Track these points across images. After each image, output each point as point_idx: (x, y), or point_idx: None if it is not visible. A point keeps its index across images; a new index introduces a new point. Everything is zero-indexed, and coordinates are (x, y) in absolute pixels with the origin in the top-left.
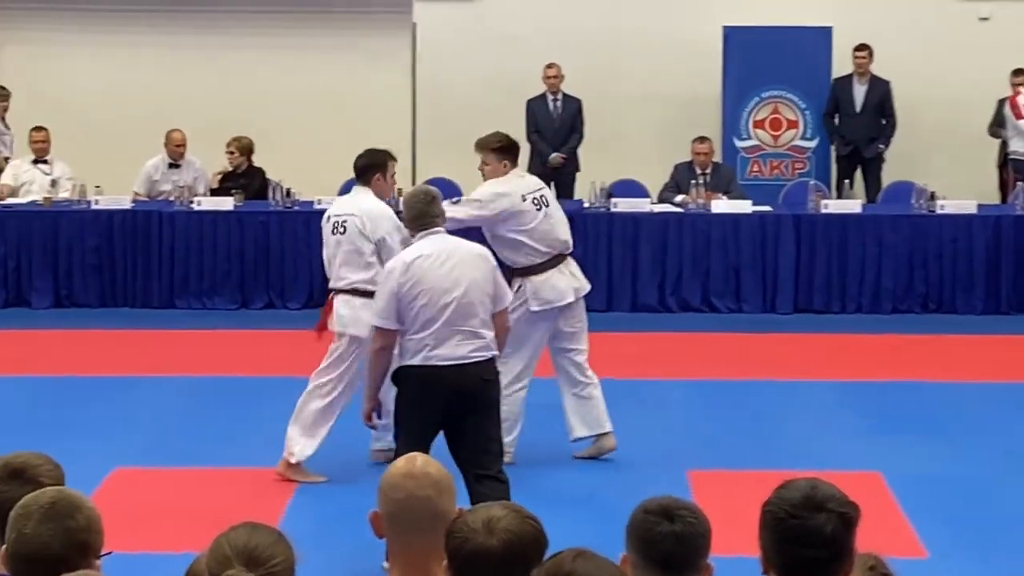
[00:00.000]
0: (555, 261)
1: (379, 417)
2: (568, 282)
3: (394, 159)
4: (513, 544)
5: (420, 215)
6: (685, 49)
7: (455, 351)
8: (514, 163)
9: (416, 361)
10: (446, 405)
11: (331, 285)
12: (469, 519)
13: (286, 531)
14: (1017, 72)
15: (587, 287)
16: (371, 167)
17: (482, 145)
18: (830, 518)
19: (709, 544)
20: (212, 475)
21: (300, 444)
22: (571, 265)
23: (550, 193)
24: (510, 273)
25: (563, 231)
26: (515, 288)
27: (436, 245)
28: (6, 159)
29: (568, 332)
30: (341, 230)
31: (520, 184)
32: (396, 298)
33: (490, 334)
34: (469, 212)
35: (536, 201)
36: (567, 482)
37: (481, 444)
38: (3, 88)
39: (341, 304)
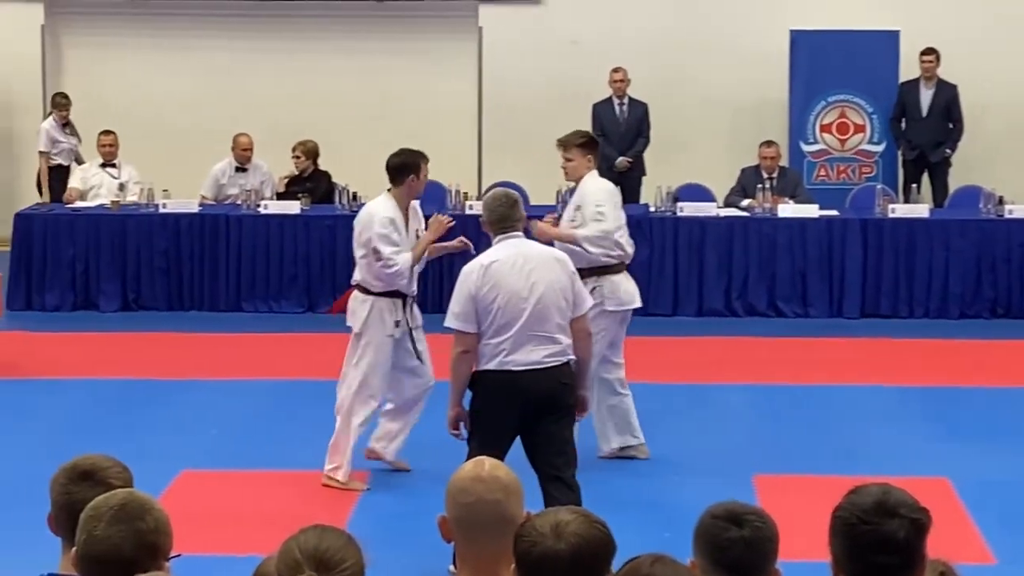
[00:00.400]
0: (625, 264)
1: (467, 428)
2: (635, 287)
3: (427, 160)
4: (581, 548)
5: (502, 218)
6: (752, 53)
7: (531, 356)
8: (597, 159)
9: (492, 366)
10: (521, 410)
11: None
12: (537, 523)
13: (353, 533)
14: None
15: None
16: (406, 168)
17: (566, 142)
18: (902, 524)
19: (777, 549)
20: (279, 478)
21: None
22: None
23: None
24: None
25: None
26: (590, 289)
27: (514, 249)
28: (66, 166)
29: (617, 342)
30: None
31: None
32: (473, 301)
33: (567, 339)
34: (613, 221)
35: None
36: (633, 487)
37: (555, 448)
38: (64, 96)
39: (351, 299)
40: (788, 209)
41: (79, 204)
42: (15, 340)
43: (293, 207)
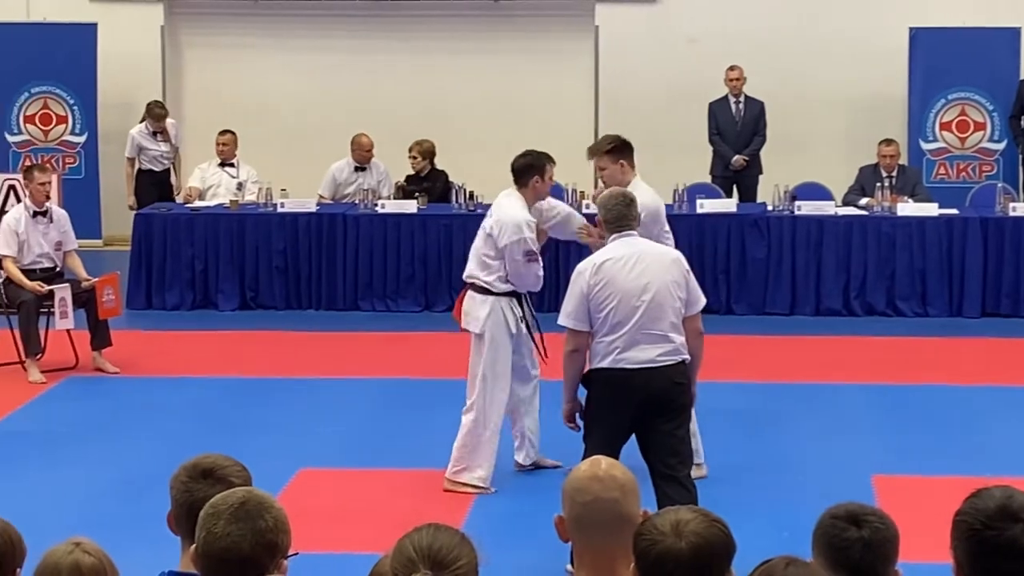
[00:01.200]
0: None
1: (582, 418)
2: None
3: (553, 162)
4: (701, 547)
5: (619, 217)
6: (871, 50)
7: (644, 354)
8: (631, 163)
9: (605, 364)
10: (635, 409)
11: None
12: (657, 522)
13: (469, 532)
14: None
15: None
16: (530, 169)
17: (595, 150)
18: None
19: (897, 550)
20: (395, 476)
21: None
22: None
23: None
24: None
25: None
26: None
27: (628, 248)
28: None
29: None
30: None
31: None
32: (586, 300)
33: (680, 338)
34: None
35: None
36: (751, 487)
37: (669, 448)
38: (160, 106)
39: (467, 300)
40: (907, 208)
41: (198, 203)
42: (136, 339)
43: (410, 206)
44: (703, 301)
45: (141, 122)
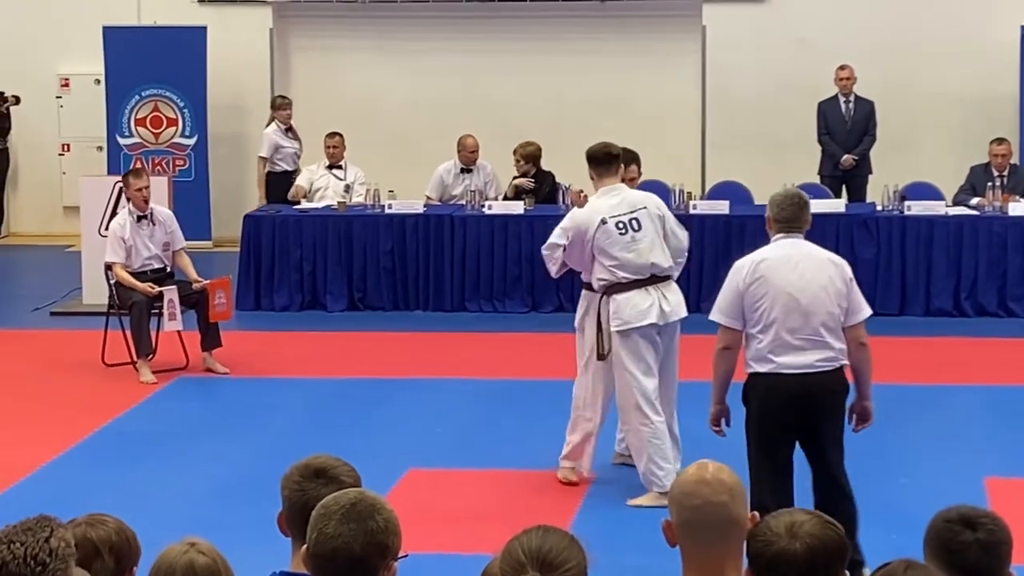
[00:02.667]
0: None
1: (727, 423)
2: (649, 304)
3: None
4: (816, 549)
5: (792, 218)
6: (981, 48)
7: (801, 359)
8: (605, 173)
9: (763, 368)
10: (794, 415)
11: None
12: (772, 523)
13: (577, 535)
14: None
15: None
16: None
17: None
18: None
19: (1011, 552)
20: (504, 477)
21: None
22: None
23: (651, 212)
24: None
25: (651, 256)
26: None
27: (790, 249)
28: (290, 171)
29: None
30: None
31: (603, 205)
32: (740, 297)
33: (838, 344)
34: (556, 242)
35: (621, 225)
36: (863, 490)
37: (828, 454)
38: (284, 97)
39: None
40: (1019, 207)
41: (305, 205)
42: (246, 340)
43: (517, 207)
44: (867, 311)
45: (270, 122)
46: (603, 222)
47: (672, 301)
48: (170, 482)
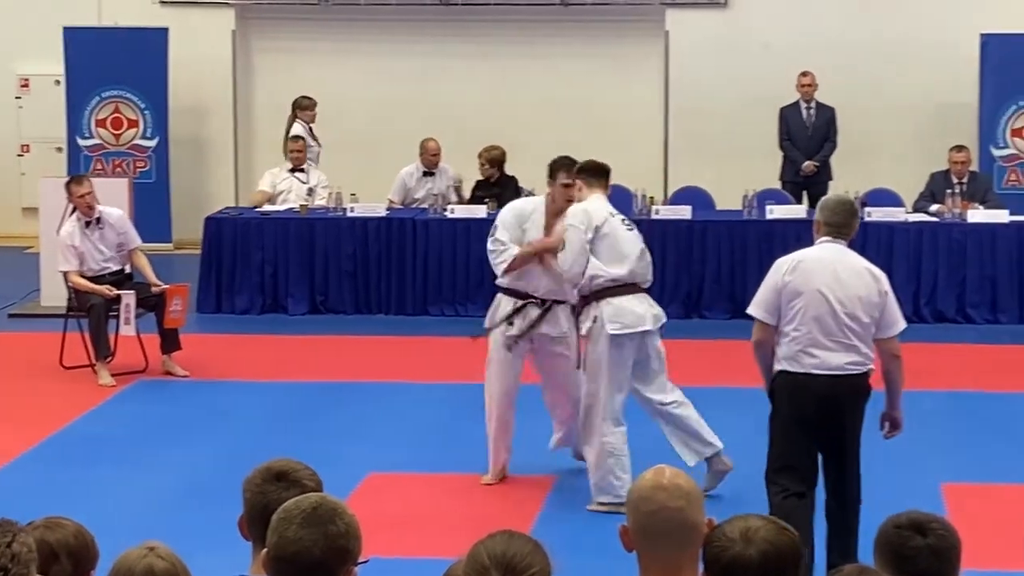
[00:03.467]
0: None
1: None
2: (645, 309)
3: (562, 168)
4: (770, 554)
5: (840, 224)
6: (942, 57)
7: (830, 360)
8: (597, 185)
9: (790, 367)
10: (820, 416)
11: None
12: (727, 529)
13: (541, 540)
14: None
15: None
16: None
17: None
18: None
19: (960, 557)
20: (465, 481)
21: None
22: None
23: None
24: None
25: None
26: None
27: (832, 254)
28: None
29: (640, 369)
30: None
31: (601, 205)
32: (778, 294)
33: (866, 349)
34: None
35: (626, 222)
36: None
37: (844, 460)
38: (308, 98)
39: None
40: (978, 214)
41: (267, 208)
42: (205, 342)
43: (479, 211)
44: (902, 324)
45: (292, 122)
46: (611, 215)
47: (656, 307)
48: (129, 485)
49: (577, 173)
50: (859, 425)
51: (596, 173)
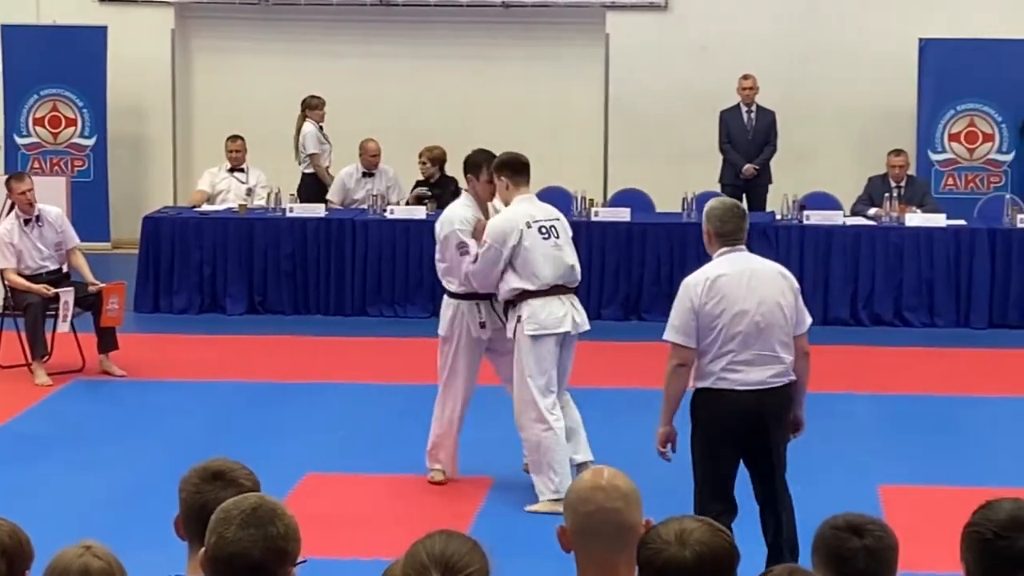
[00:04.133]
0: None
1: (673, 450)
2: (565, 312)
3: (489, 162)
4: (705, 556)
5: (735, 231)
6: (881, 61)
7: (756, 375)
8: (521, 182)
9: (713, 384)
10: (746, 431)
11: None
12: (662, 530)
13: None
14: None
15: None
16: (466, 166)
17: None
18: None
19: (897, 559)
20: (403, 481)
21: None
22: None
23: (564, 226)
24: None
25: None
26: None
27: (741, 264)
28: (327, 168)
29: (553, 370)
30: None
31: (522, 211)
32: (695, 315)
33: (790, 358)
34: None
35: (544, 230)
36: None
37: (774, 471)
38: (317, 97)
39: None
40: (915, 218)
41: (206, 207)
42: (143, 342)
43: (419, 212)
44: (809, 320)
45: (303, 121)
46: (528, 225)
47: (581, 313)
48: (65, 485)
49: (498, 170)
50: (785, 436)
51: (519, 169)
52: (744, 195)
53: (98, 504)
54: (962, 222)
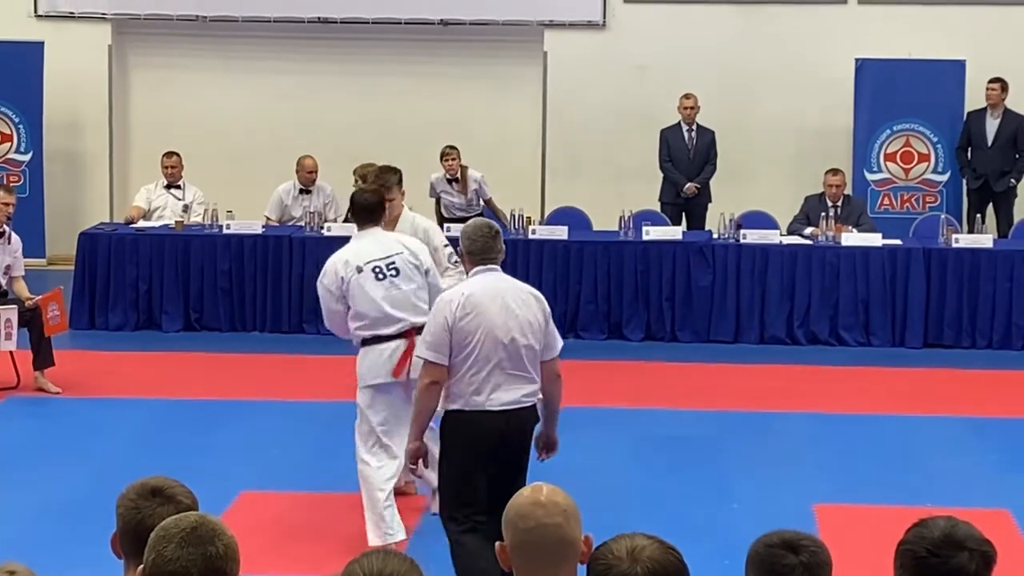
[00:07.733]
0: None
1: (426, 466)
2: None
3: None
4: (656, 573)
5: (485, 249)
6: (818, 81)
7: (508, 396)
8: (367, 221)
9: (464, 406)
10: (497, 450)
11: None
12: (613, 547)
13: (415, 558)
14: None
15: None
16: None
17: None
18: (972, 557)
19: (832, 574)
20: (339, 500)
21: None
22: None
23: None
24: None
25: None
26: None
27: (494, 283)
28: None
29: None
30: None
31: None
32: (449, 332)
33: (539, 379)
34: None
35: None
36: (693, 515)
37: (519, 486)
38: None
39: None
40: (852, 238)
41: (142, 224)
42: (78, 358)
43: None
44: (560, 344)
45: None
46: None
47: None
48: None
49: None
50: (529, 454)
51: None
52: (684, 213)
53: (31, 523)
54: (898, 242)
